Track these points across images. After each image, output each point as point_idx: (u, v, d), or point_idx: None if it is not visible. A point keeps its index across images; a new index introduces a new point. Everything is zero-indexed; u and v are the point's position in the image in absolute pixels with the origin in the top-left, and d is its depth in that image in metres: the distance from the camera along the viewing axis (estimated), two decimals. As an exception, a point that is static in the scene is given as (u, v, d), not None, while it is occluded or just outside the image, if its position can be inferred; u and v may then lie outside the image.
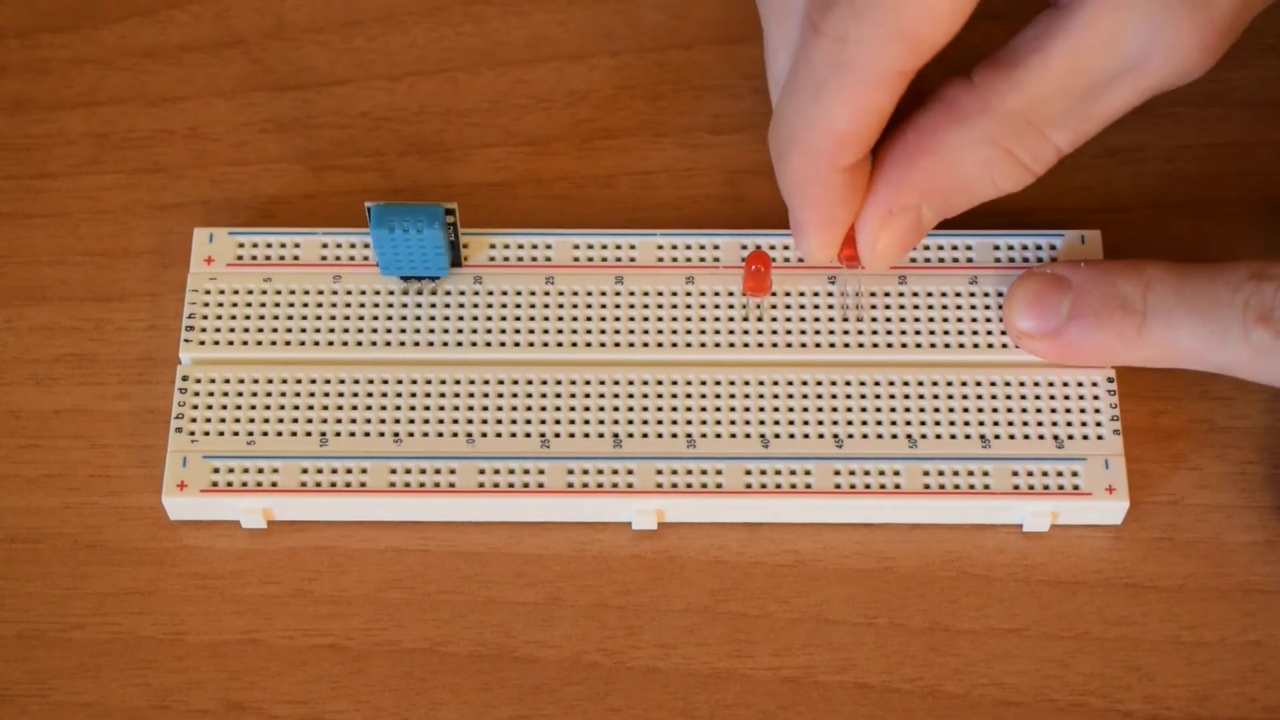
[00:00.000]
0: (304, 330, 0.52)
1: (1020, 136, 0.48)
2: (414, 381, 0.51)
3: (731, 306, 0.52)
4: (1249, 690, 0.49)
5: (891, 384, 0.51)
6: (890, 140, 0.49)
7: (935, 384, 0.51)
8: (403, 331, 0.52)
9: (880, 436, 0.50)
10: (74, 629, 0.50)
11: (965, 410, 0.51)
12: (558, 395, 0.51)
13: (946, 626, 0.50)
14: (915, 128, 0.48)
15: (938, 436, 0.50)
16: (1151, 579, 0.50)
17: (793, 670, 0.49)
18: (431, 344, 0.51)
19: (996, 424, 0.51)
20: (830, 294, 0.52)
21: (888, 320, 0.52)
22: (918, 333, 0.52)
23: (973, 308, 0.52)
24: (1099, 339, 0.50)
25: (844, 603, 0.50)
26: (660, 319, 0.52)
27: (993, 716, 0.49)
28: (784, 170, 0.48)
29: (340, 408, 0.51)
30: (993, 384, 0.51)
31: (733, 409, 0.51)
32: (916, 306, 0.52)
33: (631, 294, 0.52)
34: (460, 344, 0.51)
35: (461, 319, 0.52)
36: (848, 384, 0.51)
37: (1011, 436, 0.50)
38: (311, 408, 0.51)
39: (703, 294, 0.52)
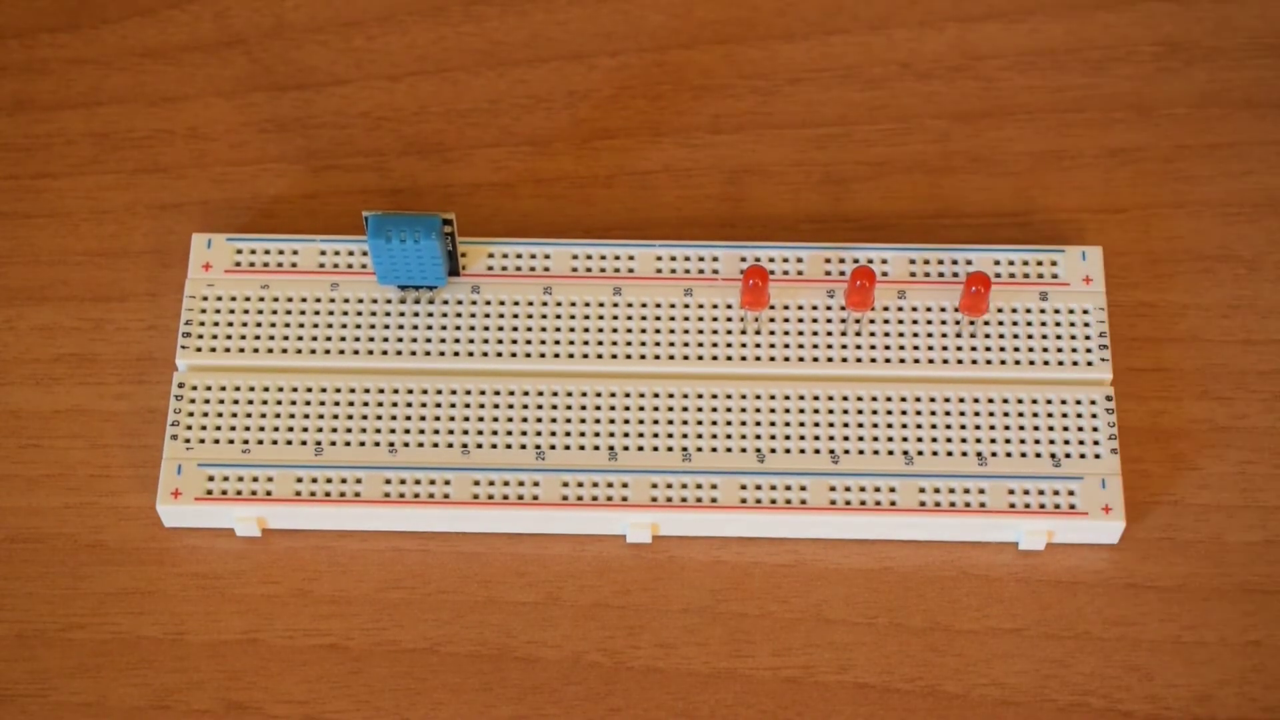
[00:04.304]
0: (300, 338, 0.51)
1: None
2: (410, 391, 0.51)
3: (729, 319, 0.52)
4: (1249, 690, 0.49)
5: (889, 399, 0.51)
6: None
7: (933, 400, 0.51)
8: (399, 340, 0.51)
9: (876, 453, 0.50)
10: (74, 629, 0.50)
11: (962, 427, 0.50)
12: (553, 406, 0.51)
13: (946, 626, 0.50)
14: None
15: (934, 453, 0.50)
16: (1151, 579, 0.50)
17: (793, 670, 0.49)
18: (428, 353, 0.51)
19: (994, 441, 0.50)
20: (829, 307, 0.52)
21: (885, 335, 0.51)
22: (915, 348, 0.51)
23: (971, 323, 0.52)
24: None
25: (844, 603, 0.50)
26: (658, 330, 0.52)
27: (993, 716, 0.49)
28: None
29: (336, 416, 0.51)
30: (990, 400, 0.51)
31: (729, 423, 0.50)
32: (915, 321, 0.52)
33: (629, 305, 0.52)
34: (457, 354, 0.51)
35: (459, 328, 0.52)
36: (844, 399, 0.51)
37: (1008, 454, 0.50)
38: (307, 416, 0.51)
39: (700, 306, 0.52)
